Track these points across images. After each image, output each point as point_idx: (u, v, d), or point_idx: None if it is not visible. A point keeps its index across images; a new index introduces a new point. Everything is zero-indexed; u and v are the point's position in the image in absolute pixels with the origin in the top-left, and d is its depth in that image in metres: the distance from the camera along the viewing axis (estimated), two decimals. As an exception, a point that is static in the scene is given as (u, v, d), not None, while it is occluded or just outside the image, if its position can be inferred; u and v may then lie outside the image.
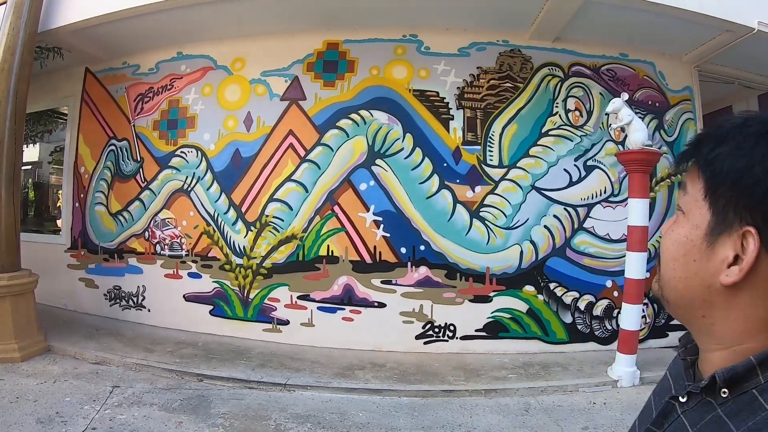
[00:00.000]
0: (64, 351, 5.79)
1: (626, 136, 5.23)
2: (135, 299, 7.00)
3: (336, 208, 6.15)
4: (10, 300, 5.50)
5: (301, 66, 6.34)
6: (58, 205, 8.65)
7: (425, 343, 6.07)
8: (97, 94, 7.48)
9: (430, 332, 6.07)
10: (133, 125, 7.11)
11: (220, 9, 5.79)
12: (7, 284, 5.51)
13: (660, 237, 6.18)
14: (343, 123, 6.20)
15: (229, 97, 6.57)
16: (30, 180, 9.05)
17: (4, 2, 6.05)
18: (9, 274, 5.59)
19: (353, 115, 6.18)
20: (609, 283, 6.17)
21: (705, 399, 0.73)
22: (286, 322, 6.28)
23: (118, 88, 7.29)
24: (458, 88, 6.17)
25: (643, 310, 5.94)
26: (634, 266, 5.17)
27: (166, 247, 6.77)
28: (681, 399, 0.78)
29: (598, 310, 6.18)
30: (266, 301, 6.33)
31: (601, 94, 6.27)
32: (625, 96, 5.21)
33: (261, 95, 6.44)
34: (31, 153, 8.63)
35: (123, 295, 7.10)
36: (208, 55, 6.72)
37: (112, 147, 7.24)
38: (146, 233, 6.91)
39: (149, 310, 6.93)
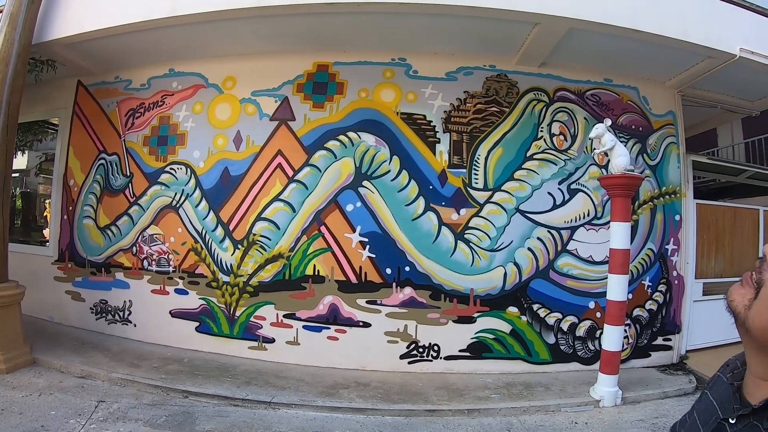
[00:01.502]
0: (49, 364, 5.77)
1: (609, 160, 5.33)
2: (121, 314, 7.00)
3: (323, 229, 6.21)
4: None
5: (291, 87, 6.42)
6: (45, 214, 8.60)
7: (409, 362, 6.12)
8: (88, 108, 7.50)
9: (415, 352, 6.12)
10: (124, 140, 7.14)
11: (212, 28, 5.86)
12: None
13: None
14: (332, 144, 6.27)
15: (220, 115, 6.62)
16: (18, 189, 9.01)
17: (0, 11, 6.07)
18: None
19: (341, 137, 6.26)
20: (592, 305, 6.27)
21: (752, 422, 0.83)
22: (272, 340, 6.31)
23: (110, 102, 7.32)
24: (445, 111, 6.27)
25: (626, 331, 6.04)
26: (616, 288, 5.28)
27: (153, 262, 6.78)
28: (731, 420, 0.87)
29: (580, 331, 6.27)
30: (252, 319, 6.35)
31: (585, 118, 6.39)
32: (608, 122, 5.33)
33: (251, 114, 6.50)
34: (19, 161, 8.58)
35: (109, 309, 7.08)
36: (199, 73, 6.78)
37: (102, 161, 7.25)
38: (134, 248, 6.92)
39: (135, 325, 6.92)
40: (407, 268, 6.10)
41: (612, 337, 5.30)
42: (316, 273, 6.21)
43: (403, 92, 6.28)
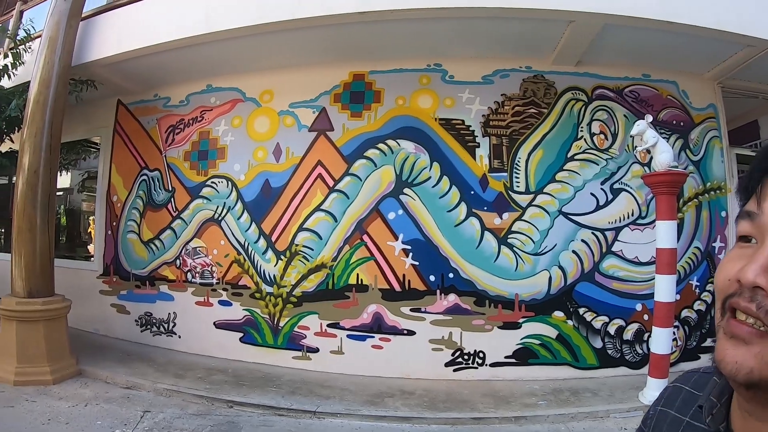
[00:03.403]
0: (95, 375, 5.81)
1: (652, 158, 5.12)
2: (166, 325, 7.03)
3: (365, 237, 6.13)
4: (43, 324, 5.58)
5: (328, 97, 6.37)
6: (89, 230, 8.76)
7: (454, 370, 5.99)
8: (129, 126, 7.60)
9: (460, 359, 5.99)
10: (165, 156, 7.20)
11: (247, 43, 5.88)
12: (41, 309, 5.59)
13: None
14: (371, 153, 6.19)
15: (259, 128, 6.61)
16: (62, 206, 9.14)
17: (39, 35, 6.14)
18: (43, 299, 5.68)
19: (380, 145, 6.18)
20: (639, 307, 6.04)
21: None
22: (316, 350, 6.24)
23: (150, 119, 7.40)
24: (483, 115, 6.13)
25: (674, 333, 5.80)
26: (664, 289, 5.03)
27: (197, 275, 6.80)
28: None
29: (628, 335, 6.04)
30: (296, 329, 6.31)
31: (625, 116, 6.18)
32: (649, 118, 5.11)
33: (289, 126, 6.47)
34: (62, 180, 8.71)
35: (154, 321, 7.13)
36: (237, 88, 6.79)
37: (144, 177, 7.33)
38: (177, 261, 6.95)
39: (180, 337, 6.95)
40: (451, 275, 5.97)
41: (660, 340, 5.06)
42: (360, 282, 6.13)
43: (440, 98, 6.16)
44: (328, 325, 6.20)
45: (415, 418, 4.90)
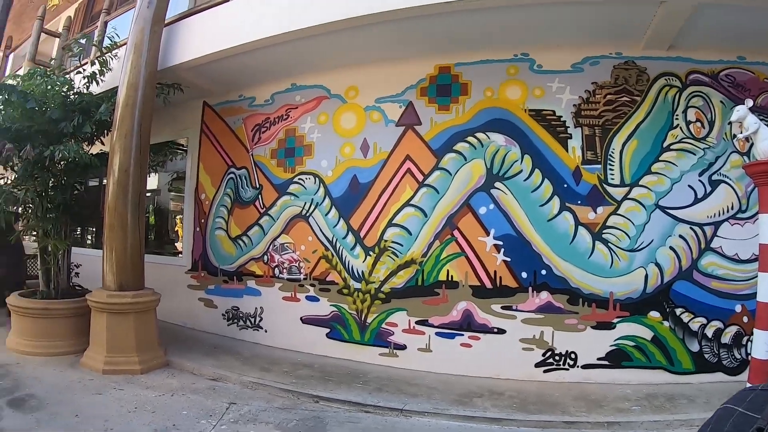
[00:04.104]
0: (182, 366, 5.96)
1: (752, 145, 4.76)
2: (252, 320, 7.15)
3: (455, 233, 6.00)
4: (133, 316, 5.82)
5: (415, 91, 6.28)
6: (176, 229, 9.11)
7: (545, 371, 5.77)
8: (215, 126, 7.80)
9: (551, 360, 5.77)
10: (252, 154, 7.32)
11: (330, 41, 5.84)
12: (131, 301, 5.82)
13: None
14: (460, 146, 6.05)
15: (345, 124, 6.61)
16: (150, 206, 9.49)
17: (124, 43, 6.39)
18: (133, 292, 5.93)
19: (470, 138, 6.03)
20: (738, 308, 5.59)
21: None
22: (404, 347, 6.17)
23: (236, 119, 7.54)
24: (574, 105, 5.87)
25: (778, 336, 5.42)
26: (767, 289, 4.69)
27: (284, 270, 6.87)
28: None
29: (726, 338, 5.60)
30: (384, 325, 6.26)
31: (721, 102, 5.77)
32: (750, 102, 4.71)
33: (376, 122, 6.43)
34: (150, 181, 9.00)
35: (241, 315, 7.26)
36: (321, 85, 6.81)
37: (232, 175, 7.49)
38: (265, 257, 7.04)
39: (266, 331, 7.04)
40: (543, 272, 5.76)
41: (762, 344, 4.60)
42: (450, 278, 6.01)
43: (529, 88, 5.95)
44: (417, 322, 6.11)
45: (504, 420, 4.73)
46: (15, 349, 6.21)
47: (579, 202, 5.75)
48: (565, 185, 5.79)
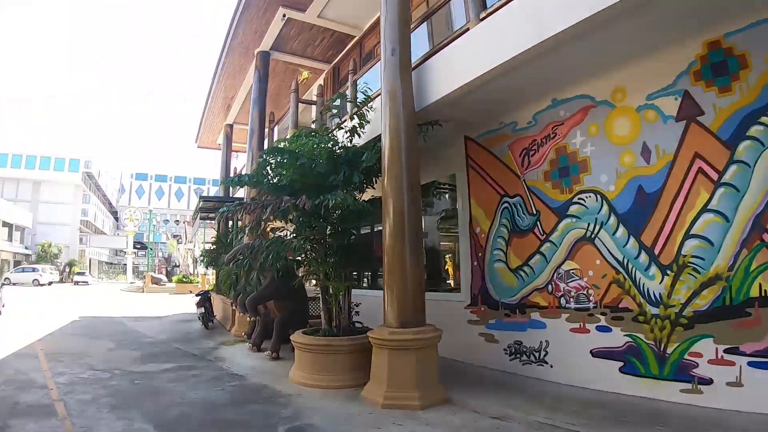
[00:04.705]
0: (463, 403, 5.92)
1: None
2: (537, 354, 6.97)
3: (765, 237, 4.97)
4: (414, 352, 6.03)
5: (688, 77, 5.58)
6: (446, 267, 9.58)
7: None
8: (481, 157, 8.11)
9: None
10: (524, 180, 7.36)
11: (585, 43, 5.51)
12: (413, 338, 6.08)
13: None
14: (754, 130, 5.07)
15: (618, 131, 6.19)
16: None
17: (378, 95, 7.12)
18: (415, 329, 6.19)
19: (763, 119, 5.02)
20: None
21: None
22: (709, 381, 5.24)
23: (501, 147, 7.73)
24: None
25: None
26: None
27: (571, 299, 6.59)
28: None
29: None
30: (686, 356, 5.43)
31: None
32: None
33: (652, 121, 5.87)
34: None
35: (524, 349, 7.15)
36: (584, 94, 6.57)
37: (506, 204, 7.60)
38: (549, 286, 6.88)
39: (552, 366, 6.79)
40: None
41: None
42: (763, 294, 4.95)
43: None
44: (725, 351, 5.14)
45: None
46: (297, 381, 6.97)
47: None
48: None
